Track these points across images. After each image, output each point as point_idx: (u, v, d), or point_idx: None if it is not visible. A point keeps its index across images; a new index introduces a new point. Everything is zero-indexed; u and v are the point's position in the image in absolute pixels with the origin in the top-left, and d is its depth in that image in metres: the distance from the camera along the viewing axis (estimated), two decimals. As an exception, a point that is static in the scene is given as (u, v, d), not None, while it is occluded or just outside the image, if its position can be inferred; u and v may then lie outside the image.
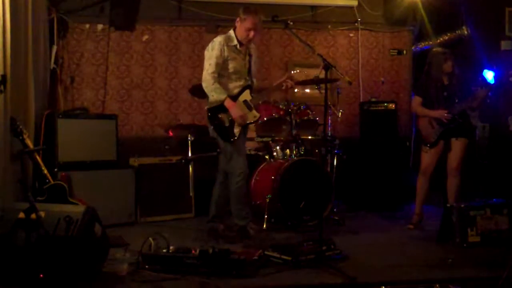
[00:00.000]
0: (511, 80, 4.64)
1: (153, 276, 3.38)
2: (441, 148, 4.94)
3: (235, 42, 4.41)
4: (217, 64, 4.33)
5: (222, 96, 4.32)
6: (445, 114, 4.80)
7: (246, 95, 4.47)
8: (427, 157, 4.97)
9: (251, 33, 4.35)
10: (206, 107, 4.52)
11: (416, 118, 5.22)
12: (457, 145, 4.88)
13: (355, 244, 4.35)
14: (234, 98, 4.40)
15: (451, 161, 4.90)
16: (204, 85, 4.38)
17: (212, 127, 4.45)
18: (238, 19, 4.40)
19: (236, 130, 4.37)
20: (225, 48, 4.36)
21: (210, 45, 4.42)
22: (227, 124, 4.37)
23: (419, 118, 5.08)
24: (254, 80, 4.64)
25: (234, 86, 4.44)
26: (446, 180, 4.97)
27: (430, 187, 5.07)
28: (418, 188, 5.09)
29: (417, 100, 5.04)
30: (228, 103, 4.32)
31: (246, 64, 4.52)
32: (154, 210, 5.37)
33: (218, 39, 4.39)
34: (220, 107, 4.36)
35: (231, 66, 4.39)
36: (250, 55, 4.55)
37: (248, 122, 4.46)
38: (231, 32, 4.45)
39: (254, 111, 4.50)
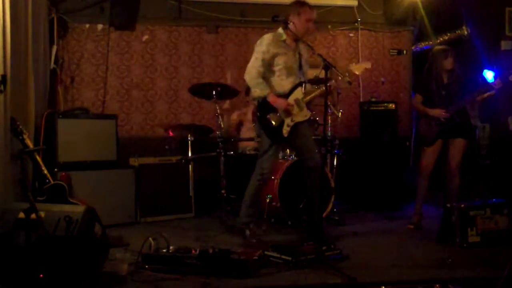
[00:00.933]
0: (511, 79, 4.63)
1: (153, 276, 3.38)
2: (440, 147, 4.94)
3: (284, 37, 4.38)
4: (263, 60, 4.29)
5: (265, 91, 4.26)
6: (443, 113, 4.81)
7: (298, 93, 4.37)
8: (426, 157, 4.98)
9: (310, 24, 4.36)
10: (254, 104, 4.45)
11: (417, 117, 5.22)
12: (456, 145, 4.88)
13: (355, 244, 4.35)
14: (285, 97, 4.33)
15: (451, 161, 4.90)
16: (247, 77, 4.34)
17: (259, 125, 4.40)
18: (294, 14, 4.34)
19: (285, 131, 4.30)
20: (273, 43, 4.32)
21: (258, 41, 4.40)
22: (276, 124, 4.29)
23: (419, 117, 5.09)
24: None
25: (287, 82, 4.36)
26: (446, 180, 4.97)
27: (430, 186, 5.08)
28: (418, 188, 5.10)
29: (417, 98, 5.05)
30: (271, 98, 4.26)
31: (297, 61, 4.44)
32: (154, 210, 5.37)
33: (267, 35, 4.38)
34: (268, 106, 4.28)
35: (281, 61, 4.33)
36: (300, 54, 4.48)
37: (297, 120, 4.34)
38: (280, 29, 4.43)
39: (305, 110, 4.38)
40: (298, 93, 4.38)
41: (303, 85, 4.44)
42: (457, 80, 4.88)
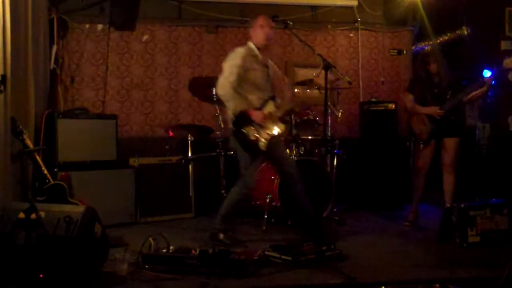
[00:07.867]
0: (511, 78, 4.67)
1: (153, 276, 3.38)
2: (434, 147, 4.98)
3: (256, 52, 4.37)
4: (238, 74, 4.23)
5: (241, 105, 4.22)
6: (438, 111, 4.85)
7: (270, 107, 4.34)
8: (422, 157, 5.04)
9: (266, 29, 4.34)
10: (231, 119, 4.32)
11: (409, 117, 5.22)
12: (449, 144, 4.94)
13: (355, 244, 4.35)
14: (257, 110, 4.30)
15: (445, 159, 4.96)
16: (221, 92, 4.24)
17: (234, 139, 4.34)
18: (251, 29, 4.40)
19: (262, 144, 4.24)
20: (247, 58, 4.30)
21: (231, 54, 4.36)
22: (252, 138, 4.24)
23: (412, 116, 5.11)
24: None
25: (256, 97, 4.32)
26: (442, 179, 5.01)
27: (431, 186, 5.10)
28: (414, 187, 5.17)
29: (409, 97, 5.11)
30: (248, 111, 4.22)
31: (266, 75, 4.42)
32: (154, 210, 5.37)
33: (239, 50, 4.35)
34: (243, 121, 4.24)
35: (252, 76, 4.30)
36: (267, 67, 4.47)
37: (272, 133, 4.29)
38: (250, 43, 4.41)
39: (279, 123, 4.36)
40: (270, 107, 4.36)
41: (274, 99, 4.41)
42: (448, 79, 4.92)
